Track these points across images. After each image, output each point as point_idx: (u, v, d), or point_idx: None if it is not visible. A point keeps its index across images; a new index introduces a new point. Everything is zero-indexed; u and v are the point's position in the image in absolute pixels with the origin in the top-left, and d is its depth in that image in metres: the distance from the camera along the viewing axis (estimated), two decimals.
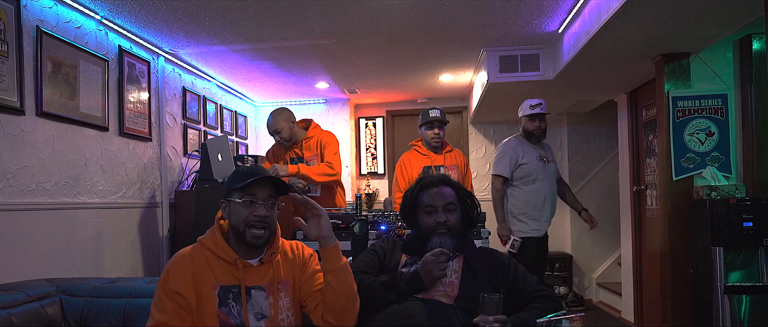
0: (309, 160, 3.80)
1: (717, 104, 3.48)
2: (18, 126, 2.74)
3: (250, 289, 1.70)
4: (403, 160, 4.00)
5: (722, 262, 3.09)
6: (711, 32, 3.19)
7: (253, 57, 4.36)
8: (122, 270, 3.58)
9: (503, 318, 1.66)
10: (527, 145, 3.79)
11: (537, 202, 3.70)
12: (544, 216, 3.73)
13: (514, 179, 3.75)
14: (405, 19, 3.51)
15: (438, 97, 6.20)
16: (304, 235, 1.81)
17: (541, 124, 3.79)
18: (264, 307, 1.70)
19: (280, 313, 1.72)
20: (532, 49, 4.24)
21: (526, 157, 3.73)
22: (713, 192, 3.23)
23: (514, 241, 3.67)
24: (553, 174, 3.85)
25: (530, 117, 3.78)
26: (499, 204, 3.77)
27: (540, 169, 3.72)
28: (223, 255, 1.71)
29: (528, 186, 3.72)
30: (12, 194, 2.70)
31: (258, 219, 1.68)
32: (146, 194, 3.90)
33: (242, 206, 1.69)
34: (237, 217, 1.69)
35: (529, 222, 3.70)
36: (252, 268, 1.73)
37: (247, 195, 1.69)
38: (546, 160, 3.79)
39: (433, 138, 3.91)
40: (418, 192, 2.05)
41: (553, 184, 3.84)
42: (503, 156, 3.79)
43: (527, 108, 3.80)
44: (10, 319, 1.95)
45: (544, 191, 3.72)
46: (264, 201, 1.70)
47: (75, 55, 3.15)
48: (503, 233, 3.73)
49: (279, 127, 3.77)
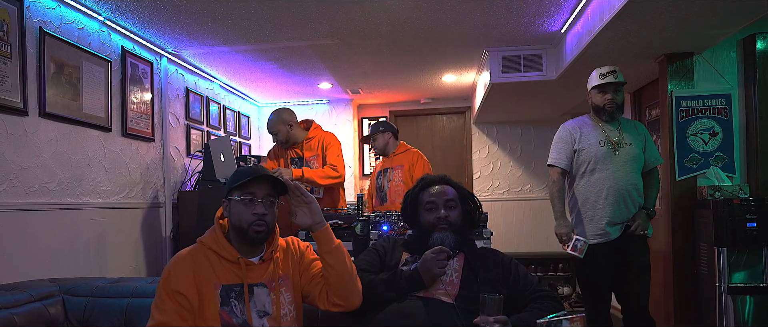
0: (309, 160, 3.81)
1: (720, 104, 3.46)
2: (21, 127, 2.75)
3: (252, 287, 1.71)
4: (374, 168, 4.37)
5: (726, 262, 3.08)
6: (714, 32, 3.17)
7: (256, 57, 4.37)
8: (125, 270, 3.59)
9: (504, 318, 1.66)
10: (589, 127, 3.10)
11: (597, 198, 2.98)
12: (605, 216, 2.95)
13: (573, 168, 3.10)
14: (407, 19, 3.51)
15: (441, 98, 6.19)
16: (297, 226, 1.84)
17: (614, 96, 3.01)
18: (266, 304, 1.72)
19: (282, 308, 1.74)
20: (535, 49, 4.23)
21: (584, 141, 3.05)
22: (717, 192, 3.22)
23: (577, 241, 2.92)
24: (629, 162, 2.99)
25: (600, 88, 3.04)
26: (556, 198, 3.09)
27: (603, 155, 2.98)
28: (225, 254, 1.72)
29: (584, 178, 3.04)
30: (15, 195, 2.71)
31: (257, 217, 1.71)
32: (149, 195, 3.91)
33: (242, 204, 1.72)
34: (238, 215, 1.72)
35: (586, 223, 3.02)
36: (254, 266, 1.75)
37: (246, 193, 1.72)
38: (616, 145, 3.00)
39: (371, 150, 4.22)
40: (420, 191, 2.07)
41: (629, 174, 2.98)
42: (556, 142, 3.18)
43: (596, 78, 3.05)
44: (13, 319, 1.95)
45: (607, 184, 2.96)
46: (263, 199, 1.73)
47: (78, 56, 3.16)
48: (560, 232, 3.04)
49: (275, 130, 3.81)
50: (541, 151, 6.31)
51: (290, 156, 3.89)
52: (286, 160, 3.90)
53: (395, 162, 4.07)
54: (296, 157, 3.87)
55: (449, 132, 6.50)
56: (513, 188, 6.34)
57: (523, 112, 5.93)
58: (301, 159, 3.84)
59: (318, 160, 3.81)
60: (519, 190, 6.33)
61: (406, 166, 4.02)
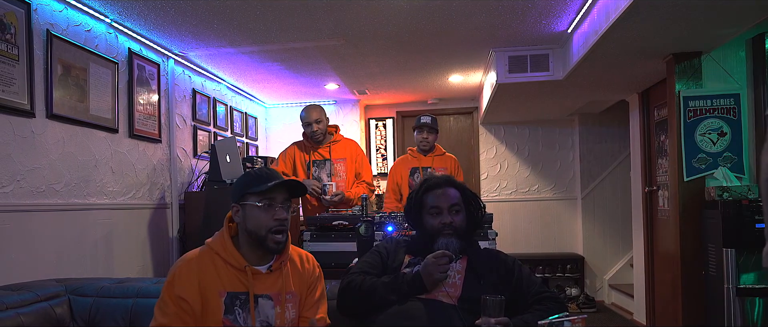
0: (335, 162, 3.78)
1: (729, 104, 3.43)
2: (28, 128, 2.77)
3: (257, 298, 1.67)
4: (394, 164, 4.28)
5: (734, 264, 3.05)
6: (723, 31, 3.14)
7: (263, 59, 4.38)
8: (132, 270, 3.61)
9: (505, 320, 1.65)
10: None
11: None
12: None
13: None
14: (412, 19, 3.50)
15: (448, 98, 6.18)
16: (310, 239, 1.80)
17: None
18: (270, 316, 1.67)
19: (286, 324, 1.69)
20: (542, 50, 4.21)
21: None
22: (725, 193, 3.19)
23: None
24: None
25: None
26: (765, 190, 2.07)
27: None
28: (232, 261, 1.68)
29: None
30: (22, 195, 2.73)
31: (279, 222, 1.66)
32: (156, 195, 3.93)
33: (262, 210, 1.66)
34: (256, 222, 1.66)
35: None
36: (261, 275, 1.70)
37: (265, 198, 1.66)
38: None
39: (421, 142, 4.11)
40: (423, 193, 2.04)
41: None
42: None
43: None
44: (19, 319, 1.97)
45: None
46: (282, 204, 1.69)
47: (85, 57, 3.18)
48: None
49: (320, 117, 3.71)
50: (548, 151, 6.29)
51: (313, 158, 3.79)
52: (306, 162, 3.79)
53: (436, 163, 4.09)
54: (320, 160, 3.79)
55: (456, 132, 6.49)
56: (520, 189, 6.31)
57: (531, 113, 5.91)
58: (326, 161, 3.78)
59: (344, 164, 3.78)
60: (526, 191, 6.31)
61: (450, 169, 4.07)
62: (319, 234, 3.11)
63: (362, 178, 3.82)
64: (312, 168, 3.78)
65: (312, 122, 3.70)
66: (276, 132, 6.23)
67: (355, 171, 3.82)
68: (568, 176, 6.26)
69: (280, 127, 6.22)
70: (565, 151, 6.27)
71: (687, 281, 3.46)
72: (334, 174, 3.78)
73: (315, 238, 3.09)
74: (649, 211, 4.67)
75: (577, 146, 6.18)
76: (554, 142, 6.30)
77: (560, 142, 6.28)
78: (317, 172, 3.79)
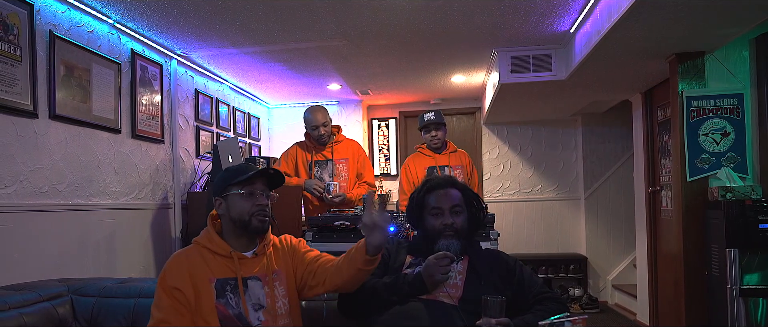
0: (338, 162, 3.79)
1: (732, 104, 3.41)
2: (31, 129, 2.78)
3: (246, 280, 1.77)
4: (407, 163, 4.12)
5: (737, 264, 3.04)
6: (726, 31, 3.13)
7: (265, 59, 4.38)
8: (134, 271, 3.62)
9: (506, 321, 1.65)
10: None
11: None
12: None
13: None
14: (415, 19, 3.50)
15: (451, 98, 6.18)
16: None
17: None
18: (261, 296, 1.77)
19: (277, 301, 1.79)
20: (544, 50, 4.20)
21: None
22: (728, 193, 3.18)
23: None
24: None
25: None
26: None
27: None
28: (218, 250, 1.79)
29: None
30: (25, 196, 2.74)
31: (260, 208, 1.79)
32: (158, 195, 3.94)
33: (244, 198, 1.78)
34: (239, 208, 1.78)
35: None
36: (247, 259, 1.81)
37: (246, 187, 1.79)
38: None
39: (432, 140, 4.01)
40: (425, 194, 2.04)
41: None
42: None
43: None
44: (22, 319, 1.98)
45: None
46: (262, 191, 1.81)
47: (88, 58, 3.19)
48: None
49: (326, 120, 3.72)
50: (551, 151, 6.28)
51: (316, 158, 3.80)
52: (308, 162, 3.80)
53: (452, 160, 4.01)
54: (322, 160, 3.80)
55: (459, 133, 6.48)
56: (523, 189, 6.30)
57: (534, 113, 5.90)
58: (328, 161, 3.79)
59: (347, 164, 3.78)
60: (529, 191, 6.30)
61: (466, 166, 4.02)
62: (321, 234, 3.11)
63: (364, 178, 3.82)
64: (314, 168, 3.79)
65: (319, 125, 3.70)
66: (279, 132, 6.24)
67: (356, 171, 3.82)
68: (571, 176, 6.25)
69: (282, 128, 6.23)
70: (568, 152, 6.26)
71: (690, 282, 3.45)
72: (336, 174, 3.78)
73: (317, 239, 3.09)
74: (652, 211, 4.66)
75: (580, 146, 6.16)
76: (557, 143, 6.29)
77: (563, 143, 6.27)
78: (319, 172, 3.79)
